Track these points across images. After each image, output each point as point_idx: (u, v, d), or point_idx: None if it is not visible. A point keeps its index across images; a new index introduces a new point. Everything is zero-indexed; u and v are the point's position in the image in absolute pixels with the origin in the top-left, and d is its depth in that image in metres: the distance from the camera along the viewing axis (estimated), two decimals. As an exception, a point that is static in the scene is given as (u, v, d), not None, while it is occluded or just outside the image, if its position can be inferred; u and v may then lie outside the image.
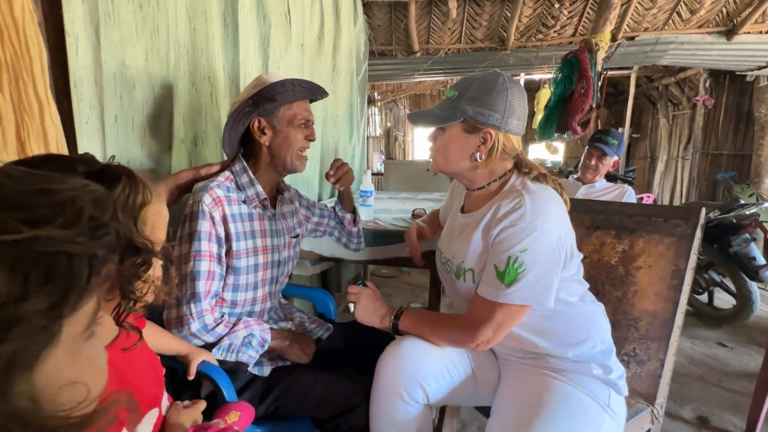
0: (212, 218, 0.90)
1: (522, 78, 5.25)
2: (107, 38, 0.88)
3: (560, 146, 7.55)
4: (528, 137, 8.20)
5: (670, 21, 2.98)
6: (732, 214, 2.48)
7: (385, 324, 0.93)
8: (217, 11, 1.26)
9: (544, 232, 0.76)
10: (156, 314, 0.89)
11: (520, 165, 0.89)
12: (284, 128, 0.97)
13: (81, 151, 0.86)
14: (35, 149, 0.75)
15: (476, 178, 0.91)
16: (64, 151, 0.79)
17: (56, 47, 0.83)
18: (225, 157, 1.03)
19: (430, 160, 0.97)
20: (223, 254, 0.93)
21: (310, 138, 1.01)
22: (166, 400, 0.65)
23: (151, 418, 0.58)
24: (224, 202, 0.92)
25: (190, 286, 0.87)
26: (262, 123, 0.96)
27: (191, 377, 0.81)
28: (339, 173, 1.16)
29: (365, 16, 2.95)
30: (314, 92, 1.02)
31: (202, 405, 0.70)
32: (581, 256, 0.89)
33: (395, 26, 3.22)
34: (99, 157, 0.94)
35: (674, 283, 1.00)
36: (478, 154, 0.86)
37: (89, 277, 0.30)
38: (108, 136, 0.92)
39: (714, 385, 1.90)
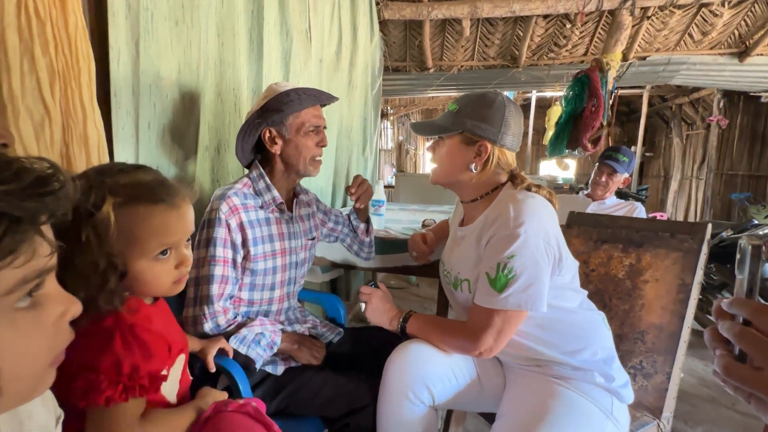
0: (228, 225, 0.94)
1: (534, 95, 5.31)
2: (146, 52, 0.96)
3: (571, 163, 7.54)
4: (540, 154, 8.23)
5: (682, 42, 3.02)
6: (745, 234, 2.46)
7: (393, 325, 0.97)
8: (244, 27, 1.34)
9: (530, 238, 0.79)
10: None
11: (514, 180, 0.93)
12: (293, 137, 1.00)
13: (117, 154, 0.93)
14: (77, 151, 0.82)
15: (470, 189, 0.95)
16: (104, 153, 0.85)
17: (98, 59, 0.91)
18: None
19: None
20: (239, 259, 0.97)
21: (321, 144, 1.03)
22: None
23: (180, 361, 0.67)
24: (240, 210, 0.97)
25: (204, 288, 0.92)
26: (273, 133, 0.99)
27: (212, 370, 0.85)
28: (360, 191, 1.18)
29: (381, 33, 3.06)
30: (320, 98, 1.02)
31: (224, 394, 0.74)
32: (577, 263, 0.92)
33: (410, 43, 3.32)
34: (132, 161, 1.01)
35: (680, 297, 1.01)
36: (473, 165, 0.90)
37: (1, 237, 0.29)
38: (141, 141, 0.99)
39: (727, 408, 1.86)
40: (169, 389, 0.66)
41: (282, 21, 1.55)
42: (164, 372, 0.60)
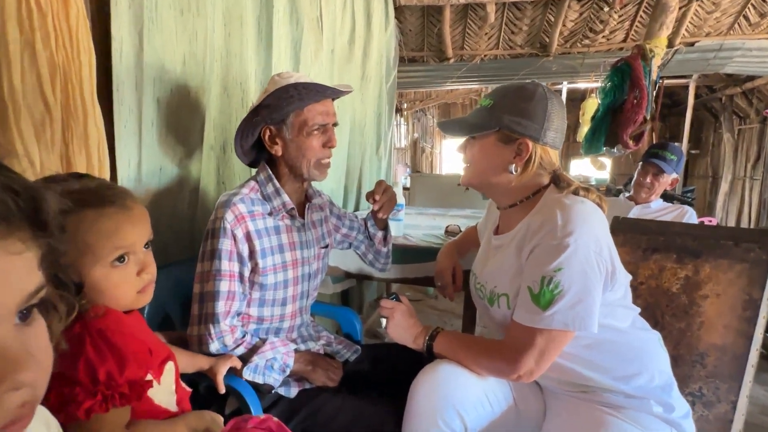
0: (234, 236, 0.92)
1: (565, 87, 5.25)
2: (150, 43, 0.97)
3: (607, 162, 7.43)
4: (572, 152, 8.13)
5: (736, 25, 2.95)
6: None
7: (418, 344, 0.95)
8: (252, 16, 1.35)
9: (579, 248, 0.76)
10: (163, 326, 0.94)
11: (558, 181, 0.90)
12: (295, 137, 0.96)
13: (119, 154, 0.94)
14: (77, 151, 0.83)
15: (508, 194, 0.92)
16: (105, 153, 0.87)
17: (100, 52, 0.92)
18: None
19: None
20: (246, 273, 0.96)
21: (328, 145, 0.99)
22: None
23: (170, 370, 0.69)
24: (247, 219, 0.94)
25: (209, 306, 0.91)
26: (272, 132, 0.96)
27: (222, 392, 0.84)
28: (384, 198, 1.14)
29: (396, 20, 3.06)
30: (325, 93, 0.97)
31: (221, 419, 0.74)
32: (629, 277, 0.89)
33: (428, 31, 3.32)
34: (134, 163, 1.02)
35: (747, 315, 0.98)
36: (513, 167, 0.88)
37: None
38: (144, 140, 1.00)
39: (794, 441, 1.79)
40: (167, 400, 0.67)
41: (292, 8, 1.56)
42: (148, 377, 0.61)
